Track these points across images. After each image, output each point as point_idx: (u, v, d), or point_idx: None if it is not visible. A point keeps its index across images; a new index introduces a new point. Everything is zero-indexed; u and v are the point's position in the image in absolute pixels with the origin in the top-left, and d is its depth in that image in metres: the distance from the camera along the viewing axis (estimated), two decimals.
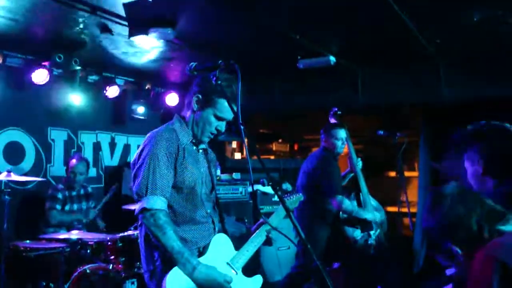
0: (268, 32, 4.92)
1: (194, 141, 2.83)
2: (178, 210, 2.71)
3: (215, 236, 2.82)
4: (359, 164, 5.35)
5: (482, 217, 1.85)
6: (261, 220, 2.99)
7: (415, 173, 8.20)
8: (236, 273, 2.76)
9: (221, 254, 2.77)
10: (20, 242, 4.59)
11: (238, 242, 2.91)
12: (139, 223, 2.72)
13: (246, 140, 2.44)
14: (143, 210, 2.56)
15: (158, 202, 2.57)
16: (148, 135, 2.77)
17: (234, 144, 8.76)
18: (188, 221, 2.73)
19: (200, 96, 2.73)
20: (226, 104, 2.63)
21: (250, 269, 2.87)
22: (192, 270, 2.52)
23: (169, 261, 2.55)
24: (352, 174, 5.33)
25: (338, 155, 5.11)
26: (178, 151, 2.70)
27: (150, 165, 2.60)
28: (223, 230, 2.94)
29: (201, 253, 2.74)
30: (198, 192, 2.77)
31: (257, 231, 2.92)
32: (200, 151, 2.90)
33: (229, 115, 2.72)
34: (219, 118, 2.76)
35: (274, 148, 9.23)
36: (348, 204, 4.87)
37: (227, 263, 2.76)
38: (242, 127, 2.30)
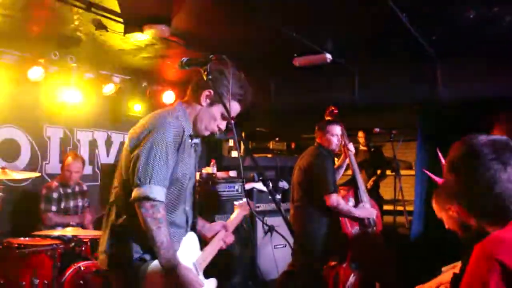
0: (264, 29, 4.91)
1: (192, 133, 2.74)
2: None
3: (187, 235, 2.77)
4: (351, 147, 5.27)
5: None
6: (218, 222, 3.06)
7: (411, 172, 8.20)
8: (199, 275, 2.73)
9: (189, 253, 2.73)
10: (14, 239, 4.58)
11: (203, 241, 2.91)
12: (121, 207, 2.61)
13: (237, 137, 2.41)
14: (145, 198, 2.44)
15: (160, 194, 2.47)
16: (154, 117, 2.64)
17: (231, 142, 8.75)
18: (169, 214, 2.62)
19: (213, 92, 2.63)
20: (237, 106, 2.65)
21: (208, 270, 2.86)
22: (173, 268, 2.46)
23: (147, 252, 2.53)
24: (347, 160, 5.27)
25: (333, 151, 5.08)
26: (181, 142, 2.61)
27: (157, 151, 2.49)
28: (194, 228, 2.89)
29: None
30: (186, 187, 2.72)
31: (218, 233, 2.95)
32: (193, 144, 2.80)
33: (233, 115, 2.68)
34: (224, 118, 2.72)
35: (271, 147, 9.21)
36: (343, 203, 4.84)
37: (193, 264, 2.72)
38: (233, 122, 2.30)
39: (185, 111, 2.71)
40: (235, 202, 3.69)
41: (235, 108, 2.67)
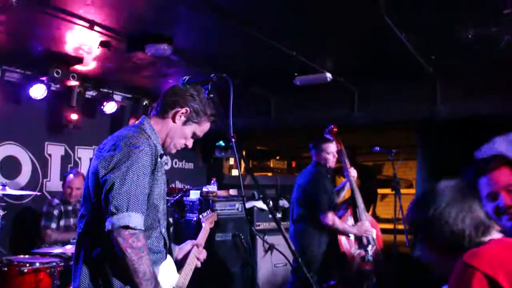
0: (265, 48, 4.95)
1: (162, 152, 2.56)
2: None
3: (165, 260, 2.64)
4: (352, 171, 5.26)
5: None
6: (187, 242, 2.96)
7: (412, 190, 8.19)
8: None
9: (168, 278, 2.61)
10: (14, 257, 4.56)
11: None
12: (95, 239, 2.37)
13: (238, 155, 2.40)
14: (123, 227, 2.23)
15: (140, 221, 2.28)
16: (124, 137, 2.41)
17: (232, 161, 8.78)
18: (147, 240, 2.43)
19: (189, 110, 2.55)
20: (208, 125, 2.63)
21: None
22: None
23: (128, 284, 2.32)
24: (348, 184, 5.26)
25: (330, 169, 5.10)
26: (156, 163, 2.44)
27: (134, 176, 2.29)
28: (170, 251, 2.75)
29: None
30: (160, 209, 2.54)
31: (191, 253, 2.87)
32: (164, 163, 2.62)
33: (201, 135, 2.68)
34: (195, 136, 2.66)
35: (271, 165, 9.24)
36: (338, 222, 4.84)
37: None
38: (233, 140, 2.29)
39: (153, 128, 2.56)
40: (200, 216, 3.68)
41: (206, 127, 2.64)
